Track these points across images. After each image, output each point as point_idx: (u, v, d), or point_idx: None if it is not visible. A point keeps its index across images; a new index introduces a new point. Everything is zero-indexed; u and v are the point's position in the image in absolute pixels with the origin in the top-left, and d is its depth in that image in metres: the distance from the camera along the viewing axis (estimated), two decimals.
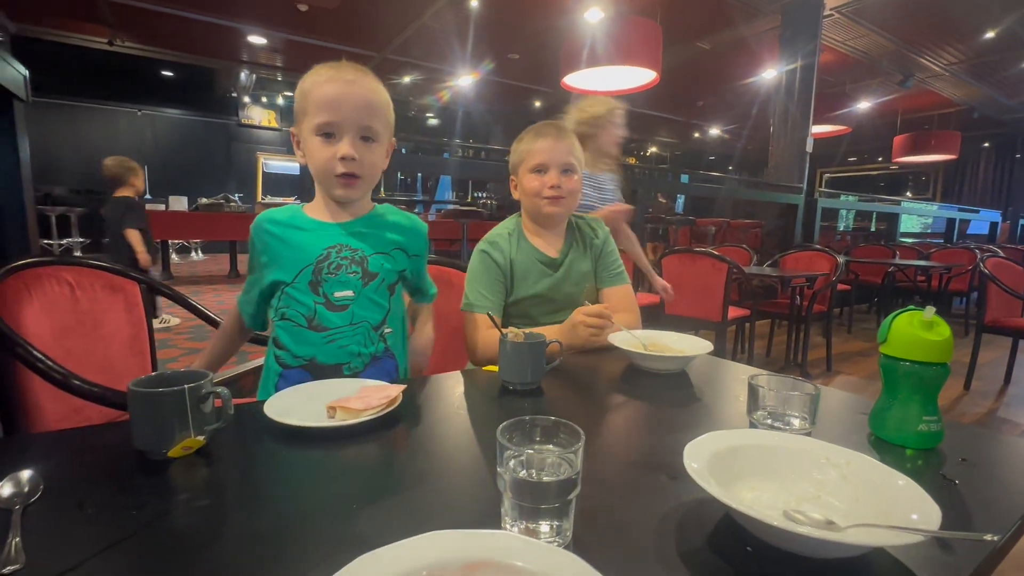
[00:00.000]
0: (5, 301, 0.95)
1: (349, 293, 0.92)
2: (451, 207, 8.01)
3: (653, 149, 13.88)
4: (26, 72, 1.40)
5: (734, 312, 2.89)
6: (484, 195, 10.39)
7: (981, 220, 8.23)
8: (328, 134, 0.90)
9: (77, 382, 0.89)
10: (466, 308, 1.13)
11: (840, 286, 3.84)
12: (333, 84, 0.89)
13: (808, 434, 0.61)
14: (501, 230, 1.22)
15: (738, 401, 0.81)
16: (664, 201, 7.87)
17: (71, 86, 7.31)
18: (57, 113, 7.52)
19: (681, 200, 11.07)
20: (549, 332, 0.91)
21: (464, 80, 8.22)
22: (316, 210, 0.98)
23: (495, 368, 0.85)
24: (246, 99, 9.13)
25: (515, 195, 1.24)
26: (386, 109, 0.96)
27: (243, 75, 8.38)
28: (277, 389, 0.88)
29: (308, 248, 0.93)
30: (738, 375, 0.95)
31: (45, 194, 6.58)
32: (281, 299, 0.93)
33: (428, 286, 1.11)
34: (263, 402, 0.67)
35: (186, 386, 0.55)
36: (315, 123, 0.89)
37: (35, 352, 0.86)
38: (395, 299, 0.99)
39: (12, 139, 1.32)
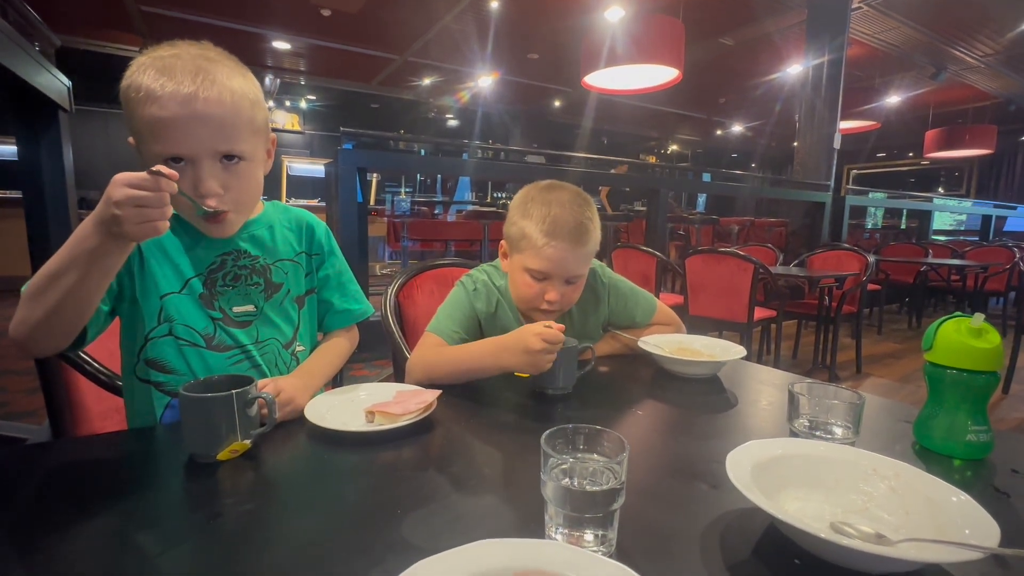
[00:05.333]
0: None
1: (250, 308, 0.79)
2: (471, 208, 8.03)
3: (674, 147, 13.72)
4: (69, 84, 1.45)
5: (760, 313, 2.84)
6: (503, 195, 10.41)
7: (1019, 217, 7.94)
8: (174, 159, 0.68)
9: (121, 383, 0.93)
10: (431, 330, 0.95)
11: (870, 286, 3.74)
12: (164, 105, 0.64)
13: (852, 444, 0.60)
14: (488, 282, 1.03)
15: (773, 407, 0.80)
16: (671, 202, 7.68)
17: (103, 93, 7.54)
18: (90, 120, 7.77)
19: (703, 199, 10.92)
20: (486, 345, 0.86)
21: (484, 81, 8.25)
22: None
23: (526, 374, 0.85)
24: (270, 103, 9.32)
25: (503, 266, 1.02)
26: (249, 115, 0.72)
27: (267, 79, 8.54)
28: (164, 420, 0.77)
29: (195, 253, 0.76)
30: (772, 380, 0.94)
31: (80, 198, 6.80)
32: (164, 310, 0.75)
33: (352, 299, 0.93)
34: None
35: (233, 391, 0.57)
36: (153, 151, 0.67)
37: (82, 354, 0.89)
38: (305, 311, 0.87)
39: (58, 148, 1.37)
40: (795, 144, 5.12)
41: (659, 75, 4.21)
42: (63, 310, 0.60)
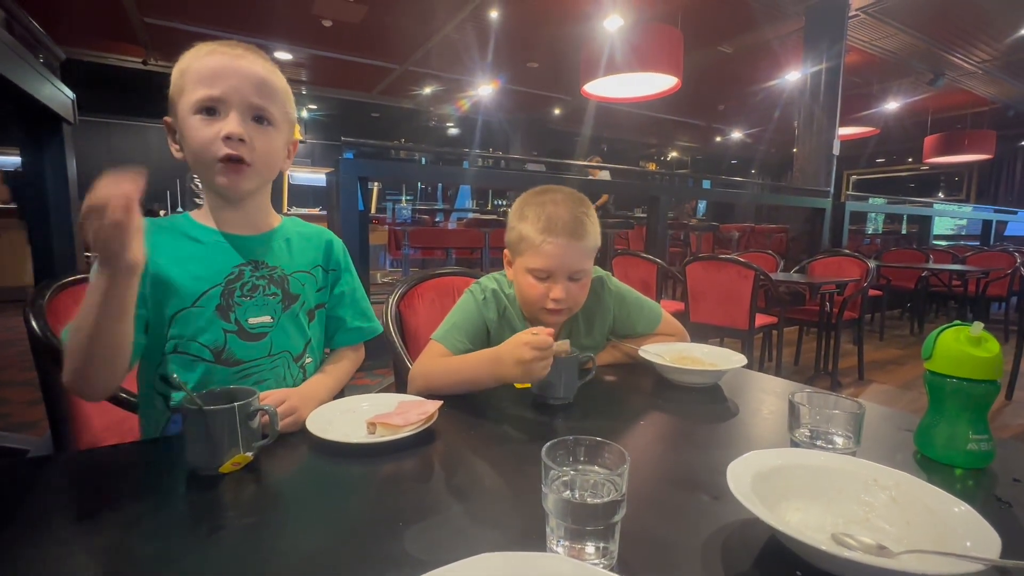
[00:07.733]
0: (57, 316, 1.00)
1: (267, 319, 0.80)
2: (472, 215, 8.05)
3: (674, 154, 13.77)
4: (73, 96, 1.47)
5: (761, 320, 2.84)
6: (504, 203, 10.44)
7: (1019, 221, 7.95)
8: (210, 109, 0.73)
9: (124, 395, 0.93)
10: (436, 339, 0.95)
11: (871, 292, 3.74)
12: (216, 56, 0.74)
13: (853, 453, 0.60)
14: (498, 291, 1.02)
15: (774, 416, 0.80)
16: (685, 206, 7.70)
17: (107, 104, 7.59)
18: (93, 130, 7.81)
19: (703, 205, 10.94)
20: (481, 357, 0.84)
21: (484, 89, 8.30)
22: (212, 220, 0.81)
23: (527, 384, 0.85)
24: None
25: (508, 274, 1.03)
26: (284, 95, 0.80)
27: None
28: (166, 433, 0.78)
29: (213, 265, 0.78)
30: (773, 389, 0.94)
31: None
32: (172, 327, 0.75)
33: (363, 317, 0.94)
34: None
35: (235, 404, 0.57)
36: (193, 99, 0.72)
37: None
38: (315, 325, 0.88)
39: (62, 160, 1.38)
40: (794, 150, 5.14)
41: (658, 83, 4.24)
42: (95, 358, 0.63)
